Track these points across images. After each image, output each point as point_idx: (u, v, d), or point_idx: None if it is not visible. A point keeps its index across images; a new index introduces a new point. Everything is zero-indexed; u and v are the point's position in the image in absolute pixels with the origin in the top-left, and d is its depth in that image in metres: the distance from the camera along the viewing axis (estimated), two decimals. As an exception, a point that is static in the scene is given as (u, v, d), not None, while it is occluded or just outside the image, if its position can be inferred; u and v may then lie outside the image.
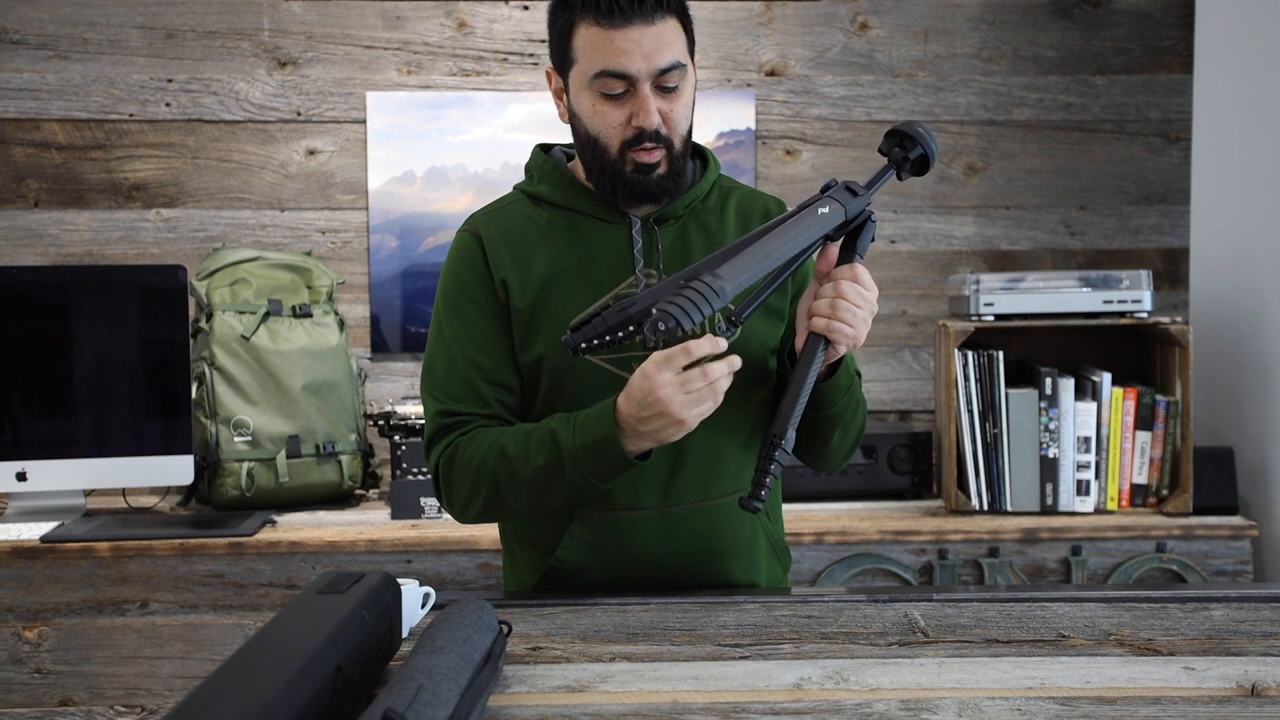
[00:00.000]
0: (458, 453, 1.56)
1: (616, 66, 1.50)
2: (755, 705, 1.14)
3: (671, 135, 1.55)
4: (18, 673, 2.43)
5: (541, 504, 1.54)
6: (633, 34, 1.49)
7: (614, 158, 1.56)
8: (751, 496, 1.40)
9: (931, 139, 1.50)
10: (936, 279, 3.11)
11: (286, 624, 1.10)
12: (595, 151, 1.57)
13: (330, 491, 2.71)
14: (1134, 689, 1.17)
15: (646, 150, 1.54)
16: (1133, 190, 3.12)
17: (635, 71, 1.50)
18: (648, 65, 1.50)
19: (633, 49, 1.49)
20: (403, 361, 3.05)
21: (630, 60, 1.50)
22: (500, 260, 1.60)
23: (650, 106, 1.52)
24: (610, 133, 1.55)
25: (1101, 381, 2.64)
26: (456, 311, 1.61)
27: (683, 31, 1.55)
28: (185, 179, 3.03)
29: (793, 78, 3.08)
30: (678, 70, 1.53)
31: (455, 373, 1.59)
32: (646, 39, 1.49)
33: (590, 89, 1.54)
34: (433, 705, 0.98)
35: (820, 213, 1.44)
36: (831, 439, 1.63)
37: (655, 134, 1.53)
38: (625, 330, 1.43)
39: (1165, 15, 3.09)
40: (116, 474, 2.65)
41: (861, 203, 1.47)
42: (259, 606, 2.45)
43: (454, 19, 3.05)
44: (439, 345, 1.62)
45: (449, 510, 1.62)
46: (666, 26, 1.51)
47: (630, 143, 1.54)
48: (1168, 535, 2.56)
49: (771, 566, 1.69)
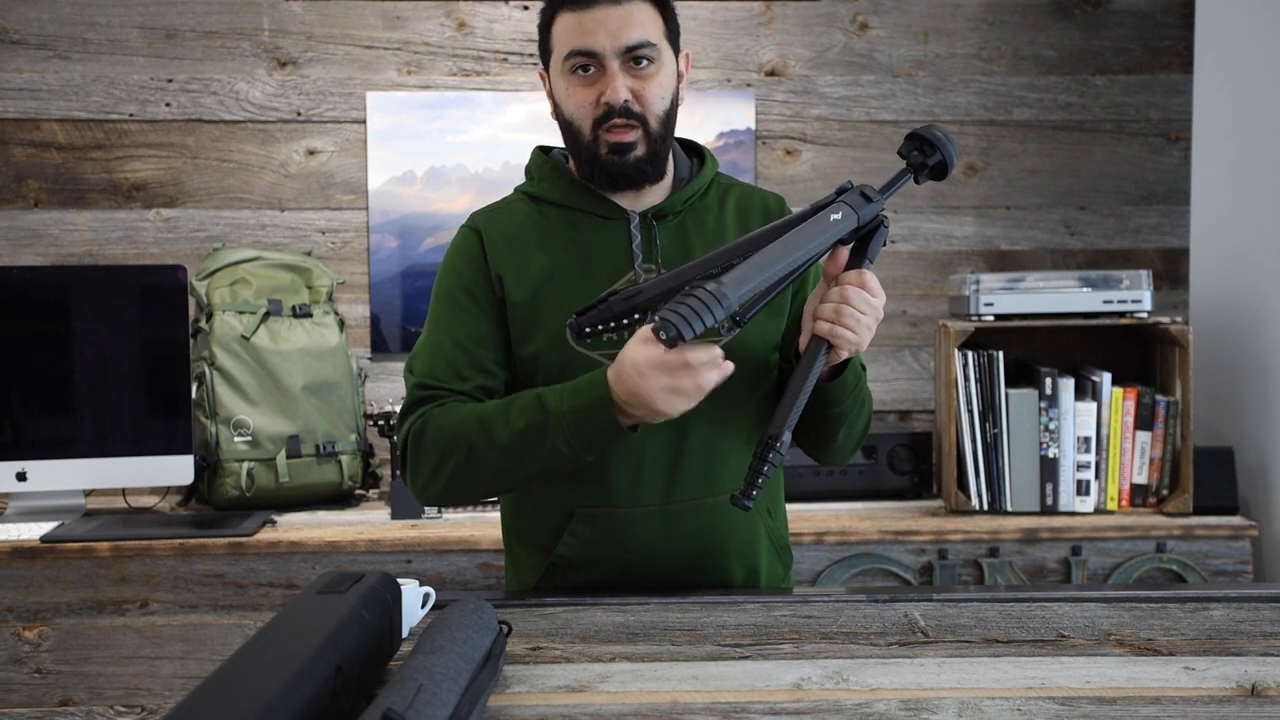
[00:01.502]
0: (429, 422, 1.55)
1: (583, 45, 1.55)
2: (755, 705, 1.14)
3: (646, 113, 1.57)
4: (18, 673, 2.43)
5: (513, 474, 1.52)
6: (598, 14, 1.54)
7: (588, 139, 1.58)
8: (743, 495, 1.39)
9: (951, 144, 1.48)
10: (936, 279, 3.11)
11: (286, 624, 1.10)
12: (572, 135, 1.60)
13: (330, 491, 2.71)
14: (1134, 689, 1.17)
15: (619, 129, 1.56)
16: (1133, 190, 3.12)
17: (600, 48, 1.54)
18: (613, 42, 1.54)
19: (598, 28, 1.54)
20: (402, 362, 3.05)
21: (595, 38, 1.54)
22: (499, 256, 1.61)
23: (617, 82, 1.55)
24: (582, 113, 1.58)
25: (1101, 381, 2.64)
26: (449, 300, 1.62)
27: (658, 16, 1.58)
28: (185, 179, 3.03)
29: (793, 78, 3.08)
30: (647, 48, 1.55)
31: (440, 354, 1.60)
32: (612, 18, 1.54)
33: (564, 72, 1.58)
34: (433, 705, 0.98)
35: (832, 219, 1.41)
36: (838, 435, 1.64)
37: (626, 110, 1.55)
38: (630, 318, 1.43)
39: (1165, 15, 3.09)
40: (116, 474, 2.65)
41: (875, 209, 1.45)
42: (259, 606, 2.45)
43: (454, 19, 3.05)
44: (429, 331, 1.64)
45: (411, 484, 1.58)
46: (635, 8, 1.55)
47: (600, 120, 1.56)
48: (1168, 535, 2.56)
49: (772, 565, 1.69)
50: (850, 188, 1.45)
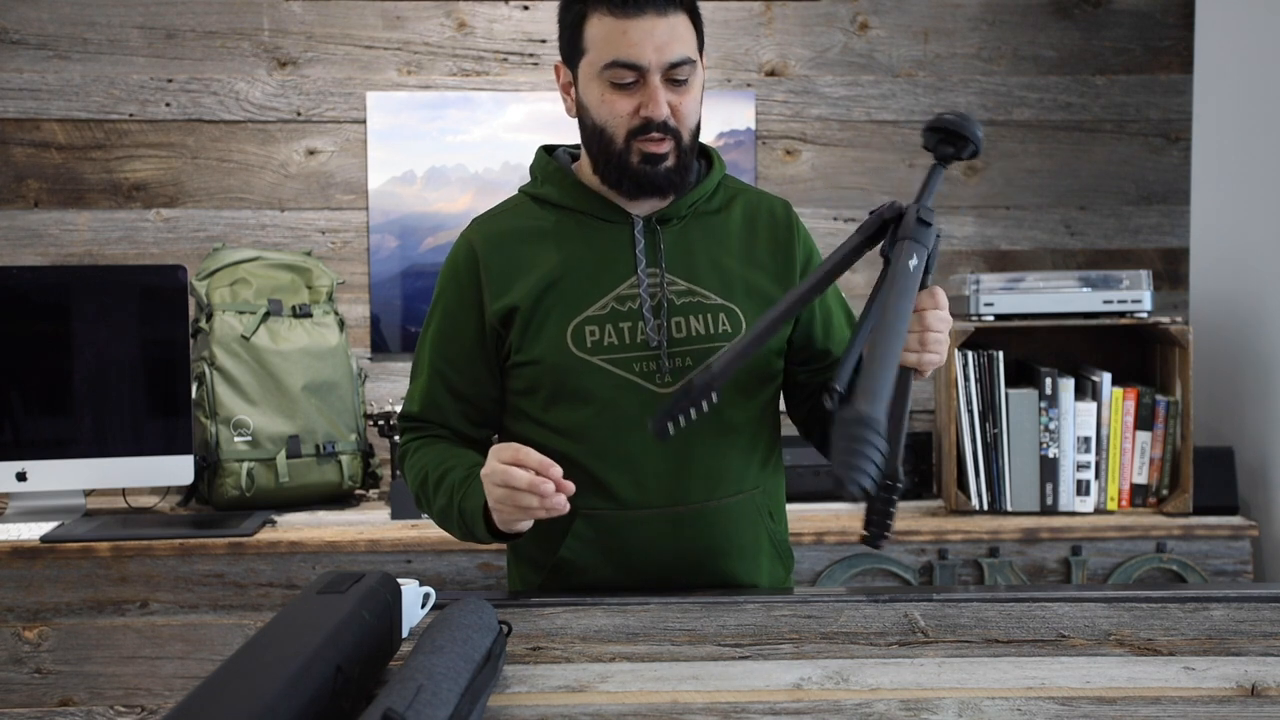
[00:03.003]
0: (406, 458, 1.69)
1: (628, 57, 1.51)
2: (755, 705, 1.14)
3: (680, 128, 1.56)
4: (18, 673, 2.43)
5: (450, 531, 1.63)
6: (645, 25, 1.51)
7: (620, 148, 1.56)
8: (875, 537, 1.35)
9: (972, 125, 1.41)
10: (936, 279, 3.10)
11: (286, 624, 1.10)
12: (601, 142, 1.58)
13: (330, 491, 2.71)
14: (1134, 689, 1.17)
15: (655, 140, 1.55)
16: (1133, 190, 3.12)
17: (647, 63, 1.51)
18: (659, 57, 1.51)
19: (645, 40, 1.51)
20: (403, 361, 3.05)
21: (642, 51, 1.51)
22: (494, 268, 1.62)
23: (660, 97, 1.53)
24: (617, 122, 1.55)
25: (1101, 381, 2.63)
26: (436, 319, 1.68)
27: (693, 28, 1.57)
28: (185, 179, 3.03)
29: (793, 78, 3.08)
30: (688, 65, 1.54)
31: (422, 377, 1.69)
32: (659, 31, 1.51)
33: (600, 79, 1.55)
34: (433, 705, 0.98)
35: (912, 267, 1.34)
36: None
37: (664, 125, 1.54)
38: (709, 399, 1.40)
39: (1165, 15, 3.09)
40: (116, 474, 2.65)
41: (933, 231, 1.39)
42: (259, 606, 2.45)
43: (454, 19, 3.05)
44: (421, 343, 1.70)
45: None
46: (678, 20, 1.53)
47: (636, 131, 1.55)
48: (1168, 535, 2.56)
49: (774, 567, 1.69)
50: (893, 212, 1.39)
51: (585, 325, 1.58)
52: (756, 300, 1.62)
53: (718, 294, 1.61)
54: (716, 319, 1.59)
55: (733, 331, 1.60)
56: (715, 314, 1.60)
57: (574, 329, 1.58)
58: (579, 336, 1.57)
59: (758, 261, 1.64)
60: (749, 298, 1.62)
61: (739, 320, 1.60)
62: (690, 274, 1.61)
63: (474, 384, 1.65)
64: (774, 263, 1.65)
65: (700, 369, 1.42)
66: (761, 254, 1.65)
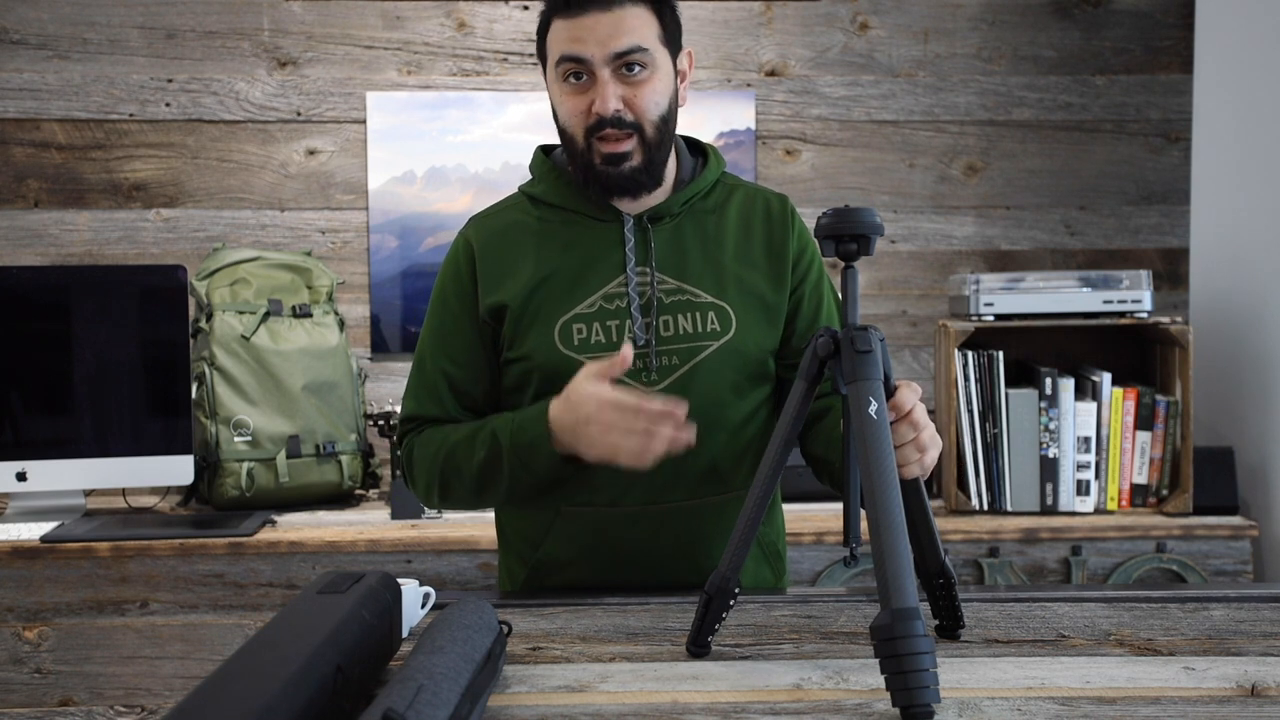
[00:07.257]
0: (414, 451, 1.64)
1: (571, 50, 1.54)
2: (755, 705, 1.14)
3: (640, 120, 1.55)
4: (18, 673, 2.43)
5: (488, 496, 1.60)
6: (588, 21, 1.53)
7: (581, 147, 1.57)
8: (951, 629, 1.35)
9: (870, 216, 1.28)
10: (936, 279, 3.11)
11: (286, 624, 1.10)
12: (567, 142, 1.60)
13: (330, 491, 2.71)
14: (1134, 689, 1.17)
15: (613, 140, 1.55)
16: (1133, 190, 3.12)
17: (589, 55, 1.53)
18: (602, 50, 1.52)
19: (587, 35, 1.53)
20: (403, 362, 3.05)
21: (584, 45, 1.53)
22: (488, 264, 1.62)
23: (606, 91, 1.53)
24: (575, 121, 1.57)
25: (1101, 381, 2.64)
26: (436, 316, 1.67)
27: (652, 18, 1.56)
28: (185, 179, 3.03)
29: (793, 78, 3.08)
30: (639, 53, 1.53)
31: (425, 376, 1.66)
32: (602, 25, 1.52)
33: (557, 79, 1.57)
34: (433, 705, 0.98)
35: (874, 413, 1.21)
36: None
37: (618, 120, 1.54)
38: (729, 610, 1.31)
39: (1165, 15, 3.08)
40: (116, 474, 2.65)
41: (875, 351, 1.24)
42: (259, 606, 2.45)
43: (454, 19, 3.05)
44: (422, 342, 1.69)
45: (419, 498, 1.69)
46: (627, 13, 1.53)
47: (593, 129, 1.55)
48: (1168, 535, 2.56)
49: (759, 569, 1.68)
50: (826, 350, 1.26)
51: (573, 323, 1.58)
52: (749, 298, 1.61)
53: (709, 292, 1.60)
54: (706, 317, 1.59)
55: (721, 330, 1.59)
56: (705, 312, 1.59)
57: (561, 327, 1.58)
58: (566, 334, 1.57)
59: (752, 259, 1.63)
60: (741, 295, 1.61)
61: (729, 318, 1.59)
62: (681, 272, 1.60)
63: (475, 379, 1.64)
64: (767, 261, 1.64)
65: (712, 575, 1.29)
66: (756, 252, 1.64)
